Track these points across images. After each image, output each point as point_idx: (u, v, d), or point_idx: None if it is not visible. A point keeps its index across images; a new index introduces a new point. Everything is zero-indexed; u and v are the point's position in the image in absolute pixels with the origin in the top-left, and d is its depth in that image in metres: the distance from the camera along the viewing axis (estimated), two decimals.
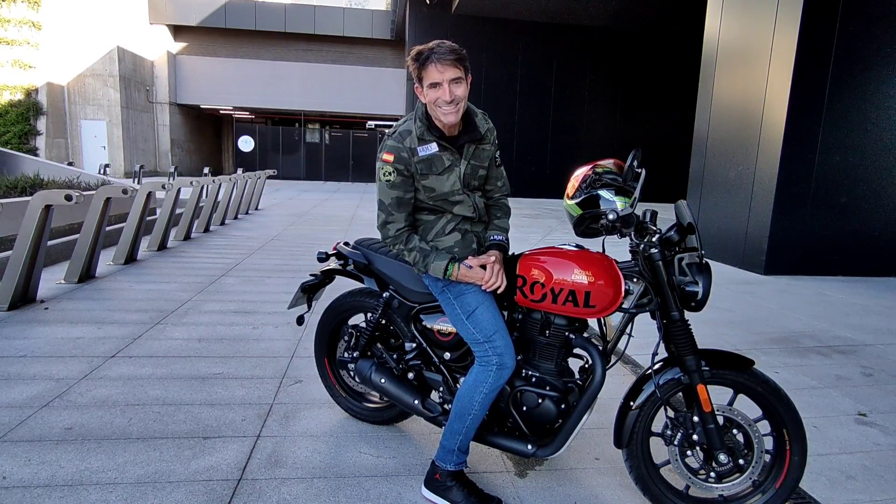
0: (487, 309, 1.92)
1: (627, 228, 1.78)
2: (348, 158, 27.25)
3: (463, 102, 1.87)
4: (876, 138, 6.48)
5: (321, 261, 2.41)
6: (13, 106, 19.49)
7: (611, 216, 1.74)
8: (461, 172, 1.97)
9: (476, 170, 2.02)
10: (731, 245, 7.07)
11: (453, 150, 1.95)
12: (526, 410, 1.96)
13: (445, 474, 1.96)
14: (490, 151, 2.07)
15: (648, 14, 16.60)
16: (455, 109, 1.85)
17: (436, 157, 1.92)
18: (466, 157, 1.98)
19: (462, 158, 1.97)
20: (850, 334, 4.26)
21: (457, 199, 1.98)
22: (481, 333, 1.89)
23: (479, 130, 2.00)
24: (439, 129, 1.93)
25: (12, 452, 2.15)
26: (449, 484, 1.95)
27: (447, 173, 1.95)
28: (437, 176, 1.94)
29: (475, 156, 2.01)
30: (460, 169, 1.97)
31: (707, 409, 1.79)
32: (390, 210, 1.94)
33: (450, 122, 1.87)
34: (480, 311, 1.91)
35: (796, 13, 6.14)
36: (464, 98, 1.86)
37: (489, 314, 1.91)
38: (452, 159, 1.95)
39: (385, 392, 2.26)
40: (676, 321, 1.80)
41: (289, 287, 5.04)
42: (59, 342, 3.38)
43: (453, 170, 1.96)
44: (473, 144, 1.99)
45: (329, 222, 10.33)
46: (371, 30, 24.41)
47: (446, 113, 1.85)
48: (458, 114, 1.87)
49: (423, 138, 1.91)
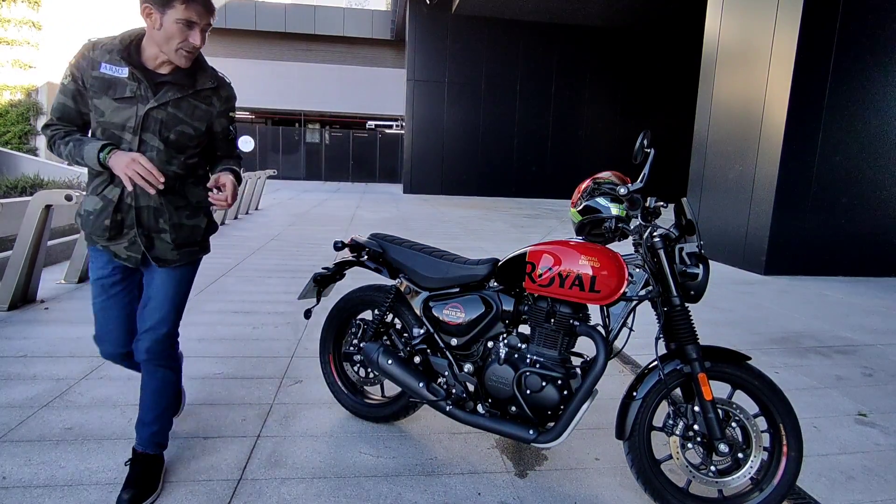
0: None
1: (634, 211, 1.90)
2: (348, 158, 27.27)
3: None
4: (876, 138, 6.48)
5: (337, 249, 2.48)
6: (13, 106, 19.52)
7: (622, 191, 1.86)
8: (141, 111, 1.76)
9: (177, 123, 1.82)
10: (731, 245, 7.07)
11: (147, 86, 1.76)
12: (530, 394, 2.01)
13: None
14: (207, 113, 1.89)
15: (648, 14, 16.60)
16: (193, 56, 1.79)
17: (119, 81, 1.74)
18: (160, 101, 1.77)
19: (154, 99, 1.77)
20: (850, 334, 4.26)
21: (126, 137, 1.77)
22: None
23: (199, 84, 1.86)
24: (141, 60, 1.78)
25: (12, 452, 2.15)
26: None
27: (125, 105, 1.75)
28: (113, 101, 1.75)
29: (178, 106, 1.81)
30: (142, 108, 1.76)
31: (708, 398, 1.82)
32: (54, 114, 1.82)
33: (181, 64, 1.77)
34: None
35: (796, 13, 6.15)
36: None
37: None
38: (140, 94, 1.76)
39: (391, 374, 2.30)
40: (677, 307, 1.85)
41: (289, 287, 5.04)
42: (59, 342, 3.38)
43: (134, 105, 1.76)
44: (177, 91, 1.80)
45: (329, 222, 10.33)
46: (371, 30, 24.44)
47: (185, 56, 1.75)
48: (191, 61, 1.79)
49: (116, 59, 1.74)
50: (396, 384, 2.32)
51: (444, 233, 9.32)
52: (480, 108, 18.50)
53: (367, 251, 2.43)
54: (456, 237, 8.85)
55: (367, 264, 2.46)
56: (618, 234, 1.98)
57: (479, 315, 2.17)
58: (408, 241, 2.43)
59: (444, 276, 2.26)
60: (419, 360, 2.31)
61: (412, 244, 2.40)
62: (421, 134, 18.47)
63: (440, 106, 18.41)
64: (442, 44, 18.03)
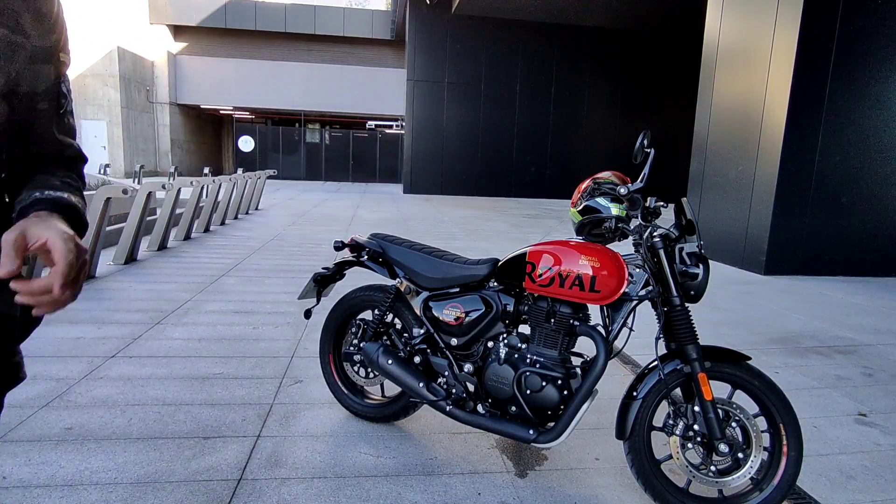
0: None
1: (634, 211, 1.90)
2: (348, 158, 27.28)
3: None
4: (876, 138, 6.48)
5: (337, 249, 2.49)
6: None
7: (622, 191, 1.86)
8: None
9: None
10: (731, 245, 7.07)
11: None
12: (530, 394, 2.01)
13: None
14: (10, 48, 0.83)
15: (648, 14, 16.59)
16: None
17: None
18: None
19: None
20: (850, 334, 4.26)
21: None
22: None
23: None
24: None
25: (12, 452, 2.15)
26: None
27: None
28: None
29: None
30: None
31: (708, 398, 1.82)
32: None
33: None
34: None
35: (796, 13, 6.15)
36: None
37: None
38: None
39: (391, 374, 2.30)
40: (677, 307, 1.85)
41: (289, 287, 5.04)
42: (59, 342, 3.38)
43: None
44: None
45: (329, 222, 10.33)
46: (371, 30, 24.43)
47: None
48: None
49: None
50: (396, 384, 2.32)
51: (444, 233, 9.32)
52: (480, 108, 18.50)
53: (367, 251, 2.44)
54: (456, 237, 8.85)
55: (367, 264, 2.46)
56: (618, 234, 1.98)
57: (479, 315, 2.17)
58: (408, 241, 2.44)
59: (444, 276, 2.26)
60: (419, 360, 2.31)
61: (412, 244, 2.40)
62: (421, 134, 18.47)
63: (440, 106, 18.40)
64: (442, 44, 18.03)
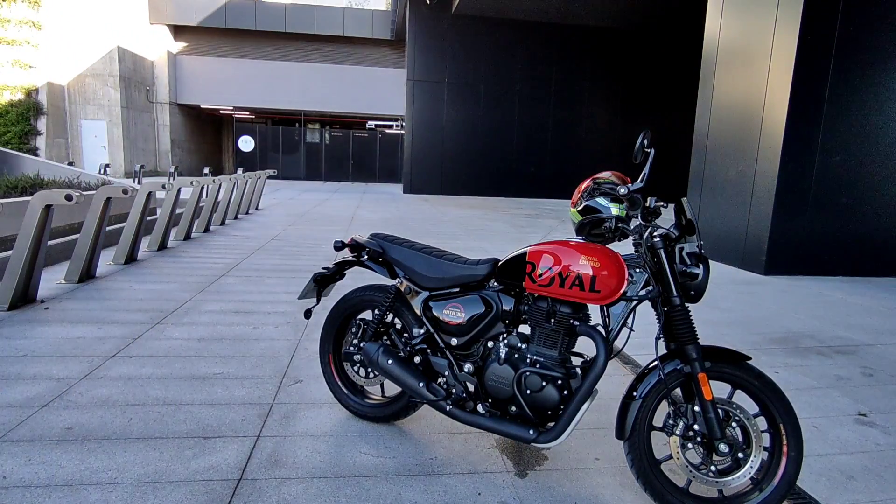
0: None
1: (634, 211, 1.90)
2: (348, 158, 27.28)
3: None
4: (876, 138, 6.48)
5: (337, 249, 2.49)
6: (13, 106, 19.50)
7: (622, 191, 1.86)
8: None
9: None
10: (731, 245, 7.07)
11: None
12: (530, 394, 2.01)
13: None
14: None
15: (648, 14, 16.59)
16: None
17: None
18: None
19: None
20: (851, 334, 4.26)
21: None
22: None
23: None
24: None
25: (12, 452, 2.15)
26: None
27: None
28: None
29: None
30: None
31: (708, 398, 1.82)
32: None
33: None
34: None
35: (796, 13, 6.15)
36: None
37: None
38: None
39: (391, 374, 2.30)
40: (677, 307, 1.85)
41: (289, 287, 5.04)
42: (59, 342, 3.38)
43: None
44: None
45: (329, 222, 10.33)
46: (371, 30, 24.42)
47: None
48: None
49: None
50: (396, 384, 2.32)
51: (444, 233, 9.32)
52: (480, 108, 18.49)
53: (368, 251, 2.44)
54: (456, 237, 8.85)
55: (367, 264, 2.47)
56: (618, 234, 1.98)
57: (479, 315, 2.17)
58: (408, 241, 2.44)
59: (444, 276, 2.27)
60: (419, 360, 2.31)
61: (412, 244, 2.40)
62: (421, 134, 18.46)
63: (440, 106, 18.40)
64: (442, 44, 18.02)
